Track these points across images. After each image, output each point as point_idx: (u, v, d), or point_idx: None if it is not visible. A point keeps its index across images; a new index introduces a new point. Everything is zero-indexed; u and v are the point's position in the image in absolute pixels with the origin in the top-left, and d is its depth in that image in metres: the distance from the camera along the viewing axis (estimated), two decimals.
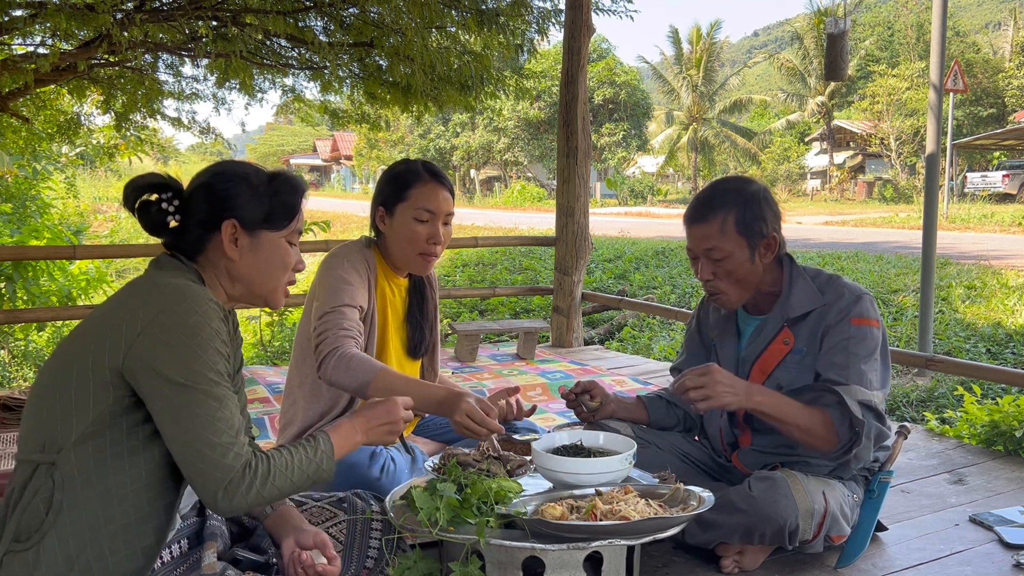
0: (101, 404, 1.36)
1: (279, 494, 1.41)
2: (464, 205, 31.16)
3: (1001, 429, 3.08)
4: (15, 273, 6.23)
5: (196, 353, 1.35)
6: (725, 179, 2.14)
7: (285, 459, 1.42)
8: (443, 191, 2.23)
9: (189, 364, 1.34)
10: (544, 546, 1.61)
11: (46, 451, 1.37)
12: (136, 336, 1.35)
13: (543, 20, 5.29)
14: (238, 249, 1.52)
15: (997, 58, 33.20)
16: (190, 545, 1.54)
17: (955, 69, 10.13)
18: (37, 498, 1.35)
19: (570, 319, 5.21)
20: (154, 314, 1.36)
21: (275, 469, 1.40)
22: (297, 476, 1.43)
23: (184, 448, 1.34)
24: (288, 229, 1.57)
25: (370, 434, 1.59)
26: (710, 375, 1.87)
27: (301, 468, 1.44)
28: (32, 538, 1.33)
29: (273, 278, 1.57)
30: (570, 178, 5.09)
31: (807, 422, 1.92)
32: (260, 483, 1.37)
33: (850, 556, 2.03)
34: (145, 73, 6.02)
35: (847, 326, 1.98)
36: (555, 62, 23.64)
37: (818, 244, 11.94)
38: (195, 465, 1.34)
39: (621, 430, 2.20)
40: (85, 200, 14.27)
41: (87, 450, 1.36)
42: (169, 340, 1.35)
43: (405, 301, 2.36)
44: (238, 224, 1.51)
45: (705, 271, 2.04)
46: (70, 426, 1.36)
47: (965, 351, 5.53)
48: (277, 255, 1.56)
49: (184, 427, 1.34)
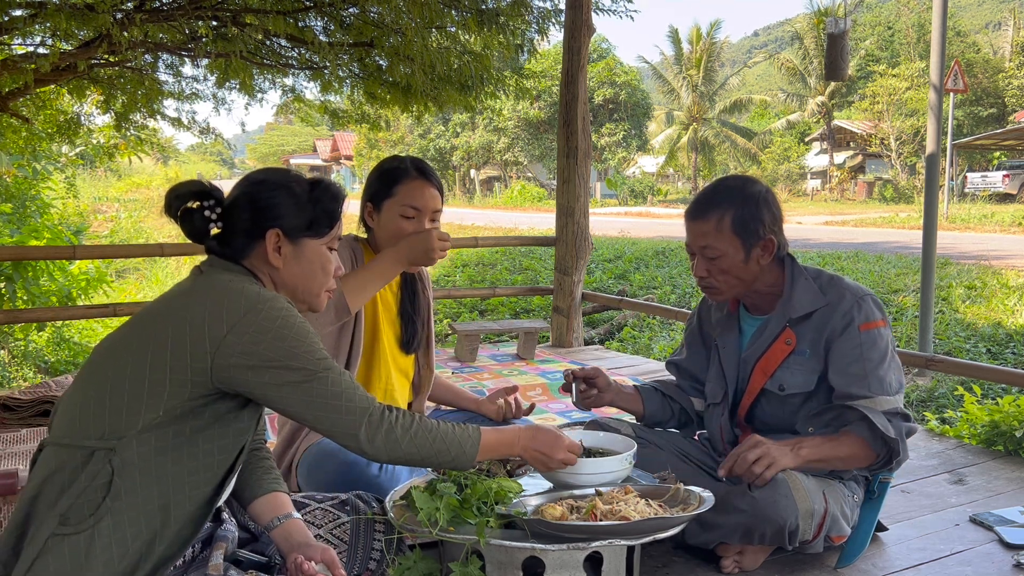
0: (175, 399, 1.39)
1: (417, 452, 1.50)
2: (464, 205, 31.16)
3: (1001, 429, 3.08)
4: (15, 273, 6.22)
5: (300, 340, 1.44)
6: (729, 177, 2.14)
7: (432, 424, 1.53)
8: (430, 188, 2.22)
9: (298, 351, 1.43)
10: (544, 546, 1.61)
11: (105, 438, 1.38)
12: (224, 336, 1.40)
13: (543, 20, 5.29)
14: (282, 257, 1.56)
15: (997, 58, 33.19)
16: (203, 548, 1.54)
17: (955, 69, 10.13)
18: (96, 483, 1.36)
19: (570, 319, 5.21)
20: (241, 314, 1.41)
21: (420, 426, 1.51)
22: (439, 444, 1.52)
23: (322, 414, 1.45)
24: (329, 236, 1.61)
25: (528, 453, 1.69)
26: (763, 445, 1.89)
27: (444, 438, 1.53)
28: (86, 522, 1.33)
29: (316, 284, 1.61)
30: (570, 178, 5.09)
31: (846, 452, 1.96)
32: (402, 430, 1.48)
33: (850, 556, 2.03)
34: (145, 73, 6.02)
35: (856, 333, 1.98)
36: (555, 62, 23.63)
37: (818, 244, 11.94)
38: (336, 420, 1.45)
39: (621, 430, 2.20)
40: (85, 200, 14.27)
41: (150, 439, 1.39)
42: (272, 334, 1.41)
43: (397, 296, 2.36)
44: (281, 233, 1.55)
45: (700, 268, 2.06)
46: (137, 416, 1.38)
47: (965, 351, 5.53)
48: (319, 262, 1.60)
49: (318, 402, 1.44)
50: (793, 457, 1.91)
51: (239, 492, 1.67)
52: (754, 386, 2.12)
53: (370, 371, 2.27)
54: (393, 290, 2.35)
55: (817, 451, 1.94)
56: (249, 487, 1.65)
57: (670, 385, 2.38)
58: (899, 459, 1.99)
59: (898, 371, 2.03)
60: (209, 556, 1.46)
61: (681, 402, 2.34)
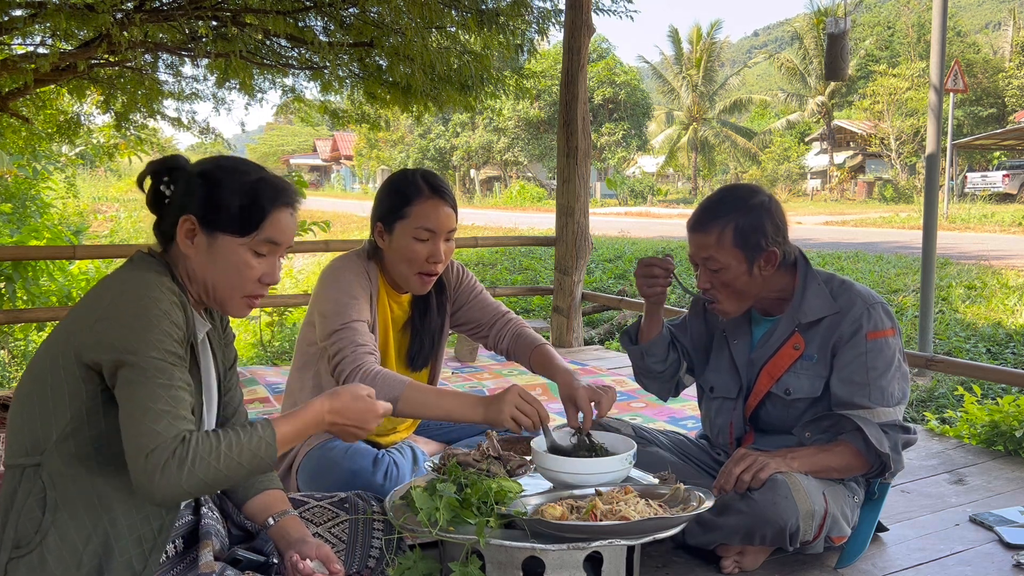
0: (78, 400, 1.35)
1: (208, 477, 1.31)
2: (464, 205, 31.12)
3: (1001, 429, 3.08)
4: (15, 273, 6.21)
5: (143, 331, 1.32)
6: (731, 187, 2.11)
7: (213, 442, 1.33)
8: (445, 207, 2.13)
9: (135, 341, 1.32)
10: (544, 546, 1.61)
11: (30, 454, 1.37)
12: (94, 323, 1.34)
13: (543, 20, 5.29)
14: (194, 246, 1.46)
15: (997, 58, 33.21)
16: (185, 544, 1.53)
17: (955, 69, 10.13)
18: (31, 500, 1.35)
19: (570, 319, 5.21)
20: (110, 300, 1.36)
21: (212, 447, 1.31)
22: (232, 465, 1.33)
23: (125, 419, 1.31)
24: (253, 238, 1.47)
25: (334, 428, 1.51)
26: (751, 455, 1.91)
27: (229, 454, 1.33)
28: (33, 540, 1.33)
29: (229, 285, 1.48)
30: (570, 178, 5.09)
31: (839, 463, 1.97)
32: (192, 460, 1.28)
33: (850, 556, 2.03)
34: (145, 73, 6.02)
35: (862, 341, 1.97)
36: (555, 62, 23.62)
37: (818, 244, 11.94)
38: (128, 431, 1.30)
39: (621, 430, 2.19)
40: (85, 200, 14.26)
41: (69, 447, 1.36)
42: (120, 320, 1.33)
43: (407, 313, 2.31)
44: (196, 221, 1.45)
45: (703, 280, 2.03)
46: (50, 425, 1.36)
47: (965, 351, 5.53)
48: (234, 262, 1.46)
49: (127, 398, 1.31)
50: (782, 461, 1.92)
51: (231, 493, 1.66)
52: (760, 388, 2.11)
53: None
54: (404, 308, 2.30)
55: (808, 462, 1.95)
56: (241, 487, 1.64)
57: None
58: (892, 471, 2.00)
59: (903, 380, 2.01)
60: (198, 556, 1.45)
61: (681, 356, 2.30)
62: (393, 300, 2.26)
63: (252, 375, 4.13)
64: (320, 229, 6.54)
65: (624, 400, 3.81)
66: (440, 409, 1.96)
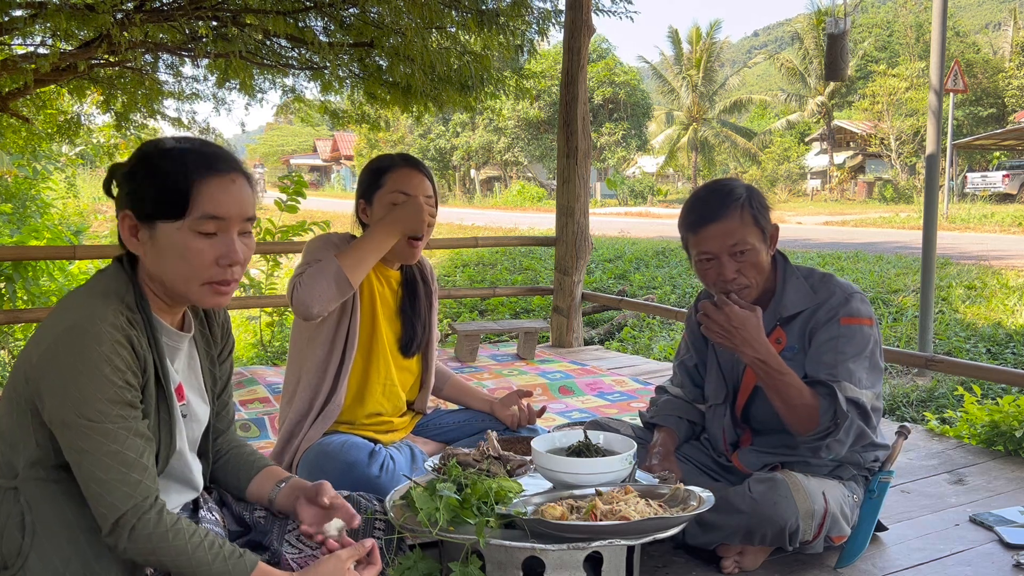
0: (42, 431, 1.33)
1: (174, 553, 1.28)
2: (464, 205, 31.15)
3: (1001, 429, 3.08)
4: (15, 273, 6.21)
5: (82, 387, 1.25)
6: (715, 182, 2.11)
7: (191, 531, 1.31)
8: (419, 175, 2.22)
9: (72, 403, 1.26)
10: (544, 546, 1.61)
11: (6, 476, 1.36)
12: (32, 365, 1.30)
13: (543, 20, 5.29)
14: (140, 243, 1.36)
15: (997, 58, 33.20)
16: None
17: (955, 69, 10.14)
18: (11, 523, 1.33)
19: (570, 319, 5.21)
20: (50, 342, 1.29)
21: (179, 529, 1.29)
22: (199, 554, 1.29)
23: (82, 484, 1.29)
24: (187, 218, 1.34)
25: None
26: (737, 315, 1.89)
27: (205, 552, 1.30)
28: (16, 563, 1.32)
29: (179, 276, 1.36)
30: (570, 178, 5.09)
31: (798, 399, 1.91)
32: (155, 527, 1.27)
33: (850, 556, 2.03)
34: (145, 73, 6.02)
35: (836, 325, 1.98)
36: (555, 62, 23.62)
37: (818, 244, 11.94)
38: (88, 496, 1.29)
39: (621, 430, 2.19)
40: (85, 200, 14.22)
41: (39, 472, 1.34)
42: (59, 373, 1.27)
43: (397, 295, 2.33)
44: (132, 215, 1.36)
45: (729, 269, 1.98)
46: (19, 452, 1.34)
47: (965, 351, 5.53)
48: (177, 251, 1.34)
49: (76, 464, 1.29)
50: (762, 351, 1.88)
51: (230, 487, 1.66)
52: (747, 384, 2.12)
53: (368, 366, 2.26)
54: (393, 288, 2.33)
55: (782, 373, 1.89)
56: (237, 479, 1.64)
57: (682, 404, 2.34)
58: (831, 441, 1.91)
59: (872, 372, 1.97)
60: None
61: (698, 420, 2.32)
62: (381, 274, 2.29)
63: (252, 375, 4.13)
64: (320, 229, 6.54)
65: (624, 400, 3.81)
66: (365, 244, 2.08)
